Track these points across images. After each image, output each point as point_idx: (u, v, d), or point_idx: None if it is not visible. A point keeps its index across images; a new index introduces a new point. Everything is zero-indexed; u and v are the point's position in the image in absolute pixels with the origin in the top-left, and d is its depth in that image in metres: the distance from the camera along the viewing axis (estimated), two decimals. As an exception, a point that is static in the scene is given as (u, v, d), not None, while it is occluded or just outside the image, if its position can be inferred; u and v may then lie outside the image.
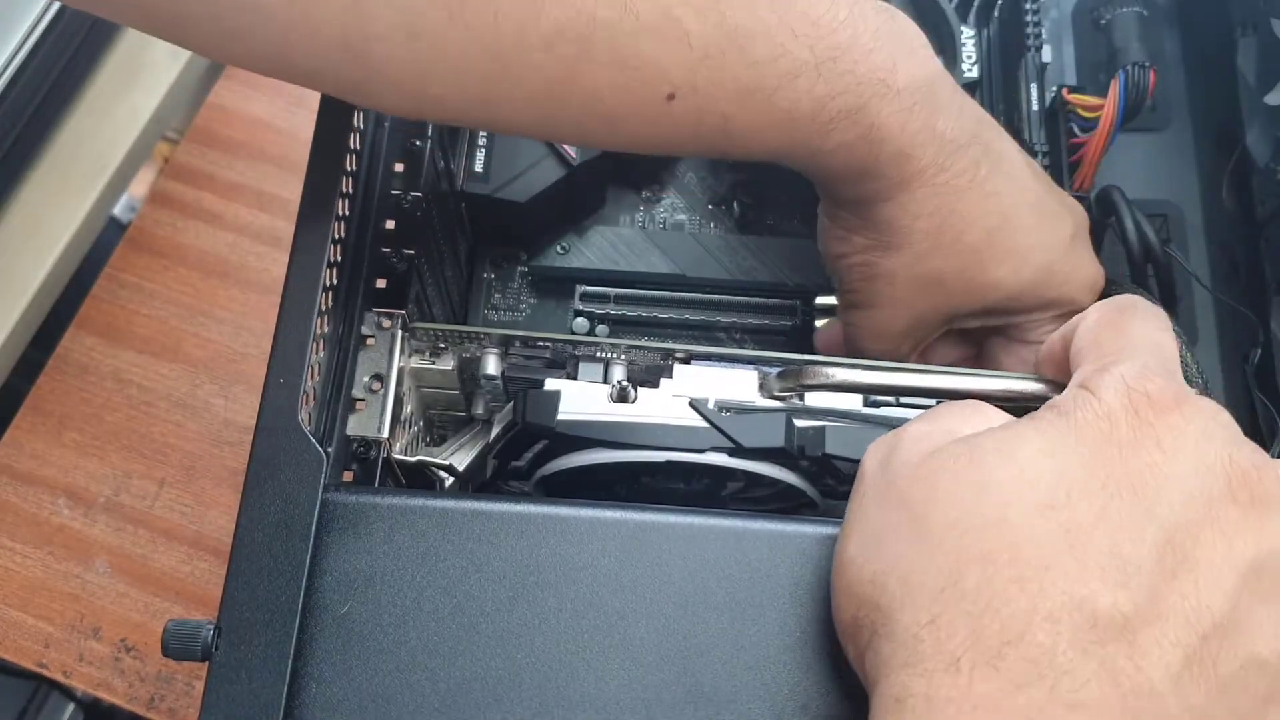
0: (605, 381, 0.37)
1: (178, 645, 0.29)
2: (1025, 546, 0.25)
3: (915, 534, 0.26)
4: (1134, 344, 0.29)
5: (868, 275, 0.40)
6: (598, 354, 0.37)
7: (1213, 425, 0.27)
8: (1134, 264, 0.44)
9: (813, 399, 0.36)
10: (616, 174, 0.50)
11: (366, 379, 0.36)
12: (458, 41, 0.30)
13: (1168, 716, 0.23)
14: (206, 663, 0.29)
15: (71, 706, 0.62)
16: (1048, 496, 0.25)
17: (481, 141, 0.46)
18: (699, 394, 0.35)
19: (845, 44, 0.34)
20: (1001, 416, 0.30)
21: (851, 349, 0.43)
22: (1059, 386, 0.33)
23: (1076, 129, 0.47)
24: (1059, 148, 0.47)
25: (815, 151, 0.36)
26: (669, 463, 0.35)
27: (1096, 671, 0.23)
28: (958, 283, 0.39)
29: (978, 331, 0.43)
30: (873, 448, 0.30)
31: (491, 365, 0.38)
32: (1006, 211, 0.38)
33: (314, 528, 0.30)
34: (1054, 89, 0.48)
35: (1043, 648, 0.24)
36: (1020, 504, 0.25)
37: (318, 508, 0.31)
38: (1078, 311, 0.41)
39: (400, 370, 0.37)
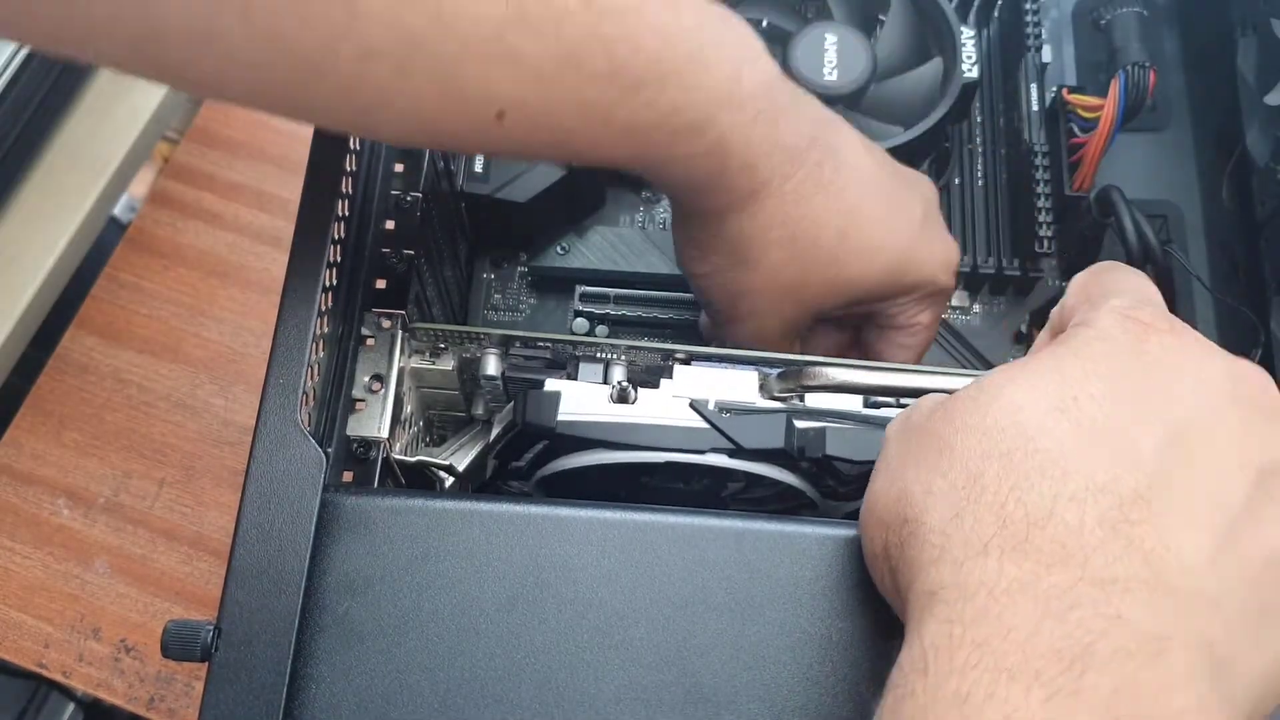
0: (605, 382, 0.37)
1: (177, 646, 0.29)
2: (1042, 440, 0.25)
3: (935, 451, 0.27)
4: (1120, 288, 0.30)
5: (731, 292, 0.40)
6: (598, 354, 0.37)
7: (1206, 343, 0.27)
8: (1133, 264, 0.44)
9: (813, 400, 0.36)
10: (616, 174, 0.50)
11: (366, 379, 0.36)
12: (255, 50, 0.29)
13: (1207, 594, 0.23)
14: (206, 663, 0.29)
15: (71, 707, 0.62)
16: (1057, 400, 0.26)
17: (481, 142, 0.46)
18: (699, 395, 0.35)
19: (689, 55, 0.33)
20: None
21: None
22: None
23: (1076, 129, 0.47)
24: (1059, 148, 0.47)
25: (662, 162, 0.35)
26: (669, 463, 0.35)
27: (1126, 549, 0.23)
28: (819, 285, 0.39)
29: (851, 319, 0.43)
30: (894, 418, 0.31)
31: (491, 365, 0.38)
32: (854, 209, 0.38)
33: (314, 528, 0.30)
34: (1054, 89, 0.48)
35: (1070, 527, 0.24)
36: (1032, 407, 0.26)
37: (318, 508, 0.31)
38: (940, 291, 0.41)
39: (400, 370, 0.37)
